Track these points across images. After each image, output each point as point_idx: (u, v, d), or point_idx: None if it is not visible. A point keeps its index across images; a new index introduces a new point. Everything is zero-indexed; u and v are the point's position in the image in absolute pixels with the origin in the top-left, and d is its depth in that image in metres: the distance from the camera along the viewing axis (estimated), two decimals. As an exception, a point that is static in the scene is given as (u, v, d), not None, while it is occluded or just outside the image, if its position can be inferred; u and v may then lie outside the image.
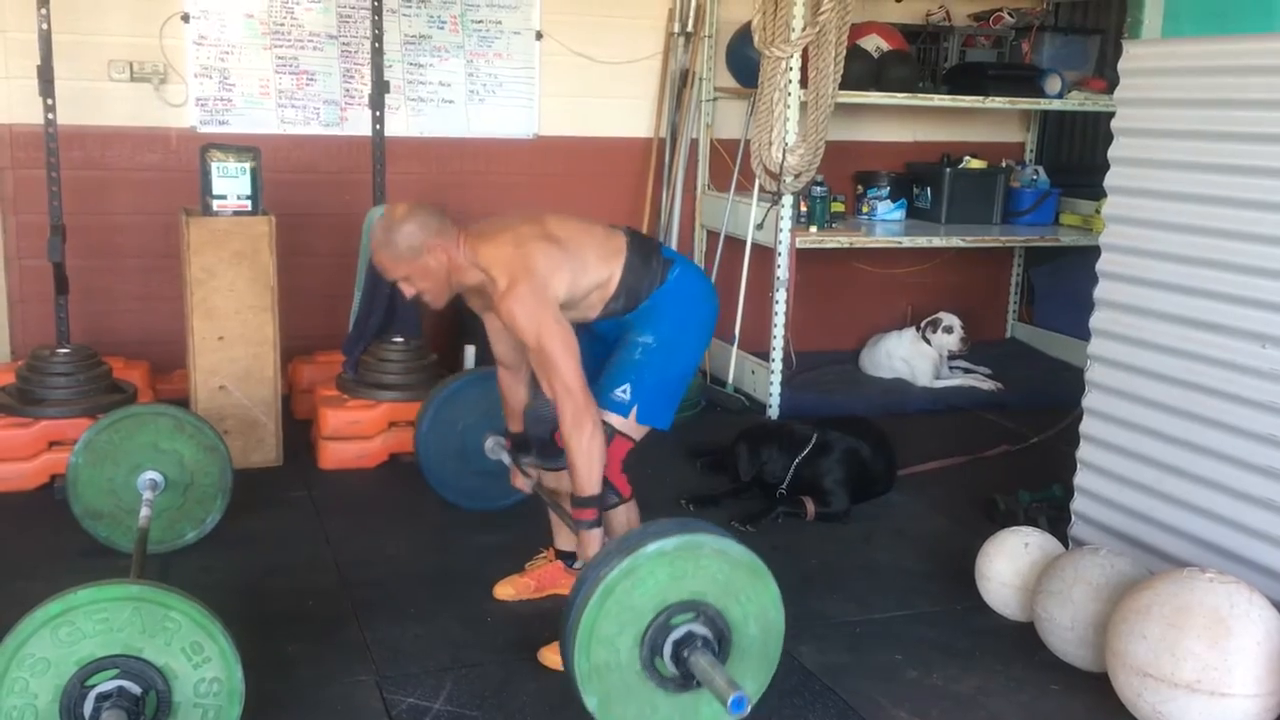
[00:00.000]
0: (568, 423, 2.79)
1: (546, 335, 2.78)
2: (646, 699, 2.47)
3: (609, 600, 2.40)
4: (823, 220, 5.35)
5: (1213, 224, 3.08)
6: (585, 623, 2.39)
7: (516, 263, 2.83)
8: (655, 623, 2.45)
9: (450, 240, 2.87)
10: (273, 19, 5.02)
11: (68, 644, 2.26)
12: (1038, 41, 5.87)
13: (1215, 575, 2.74)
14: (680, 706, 2.49)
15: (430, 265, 2.85)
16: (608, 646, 2.42)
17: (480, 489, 3.82)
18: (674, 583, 2.45)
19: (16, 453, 3.99)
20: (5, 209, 4.84)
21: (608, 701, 2.44)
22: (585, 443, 2.79)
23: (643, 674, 2.46)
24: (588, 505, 2.85)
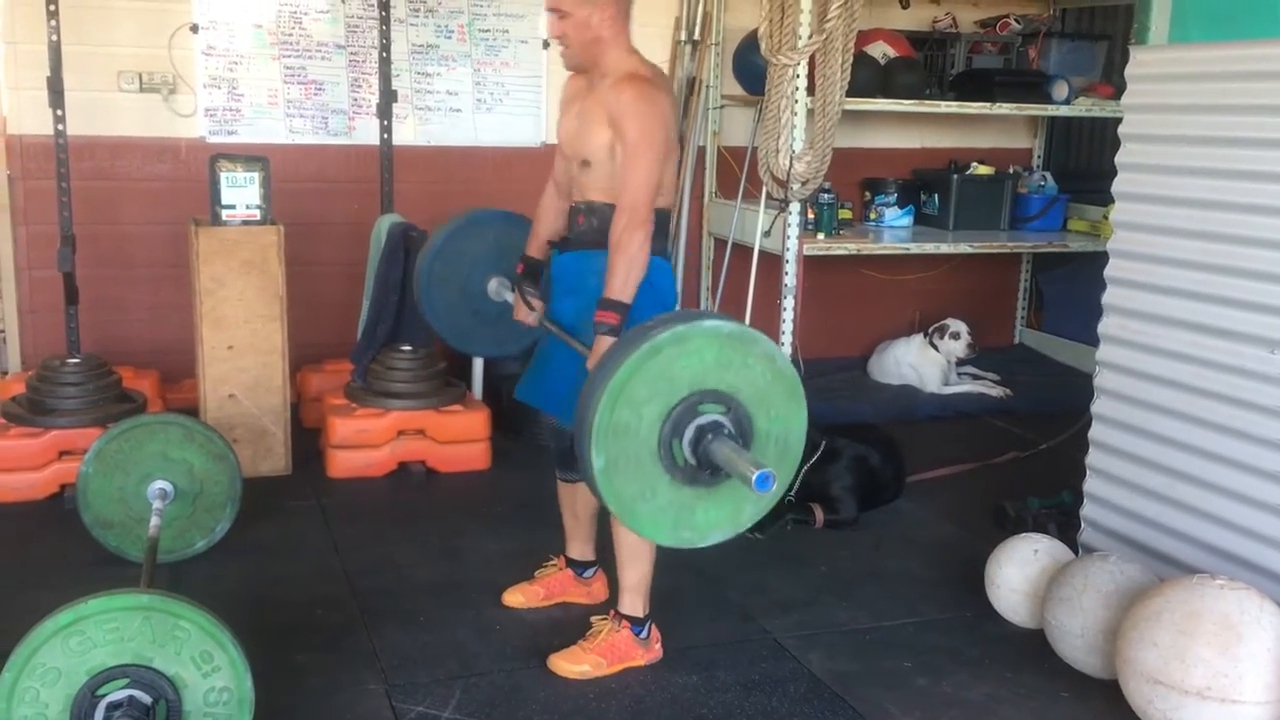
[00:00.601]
0: (621, 225, 2.79)
1: (650, 141, 2.80)
2: (651, 477, 2.35)
3: (651, 361, 2.29)
4: (830, 227, 5.34)
5: (1221, 229, 3.07)
6: (620, 377, 2.27)
7: (663, 91, 2.89)
8: (686, 401, 2.34)
9: (620, 18, 2.90)
10: (281, 29, 5.05)
11: (78, 653, 2.27)
12: (1045, 48, 5.87)
13: (1226, 582, 2.73)
14: (679, 498, 2.39)
15: (593, 22, 2.87)
16: (633, 410, 2.30)
17: (482, 332, 3.59)
18: (717, 370, 2.35)
19: (27, 462, 4.01)
20: (15, 220, 4.86)
21: (614, 467, 2.32)
22: (633, 250, 2.79)
23: (656, 451, 2.34)
24: (614, 309, 2.79)
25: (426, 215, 4.80)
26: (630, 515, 2.37)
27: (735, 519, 2.47)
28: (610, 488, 2.33)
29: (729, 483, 2.38)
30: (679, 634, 3.18)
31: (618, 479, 2.33)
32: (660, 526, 2.41)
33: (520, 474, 4.43)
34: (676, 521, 2.41)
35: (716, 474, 2.37)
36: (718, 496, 2.42)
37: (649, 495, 2.37)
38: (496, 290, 3.41)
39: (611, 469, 2.32)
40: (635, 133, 2.80)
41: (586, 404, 2.32)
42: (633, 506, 2.36)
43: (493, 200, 5.35)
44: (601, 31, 2.89)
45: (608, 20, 2.88)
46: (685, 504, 2.41)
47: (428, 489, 4.34)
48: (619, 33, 2.92)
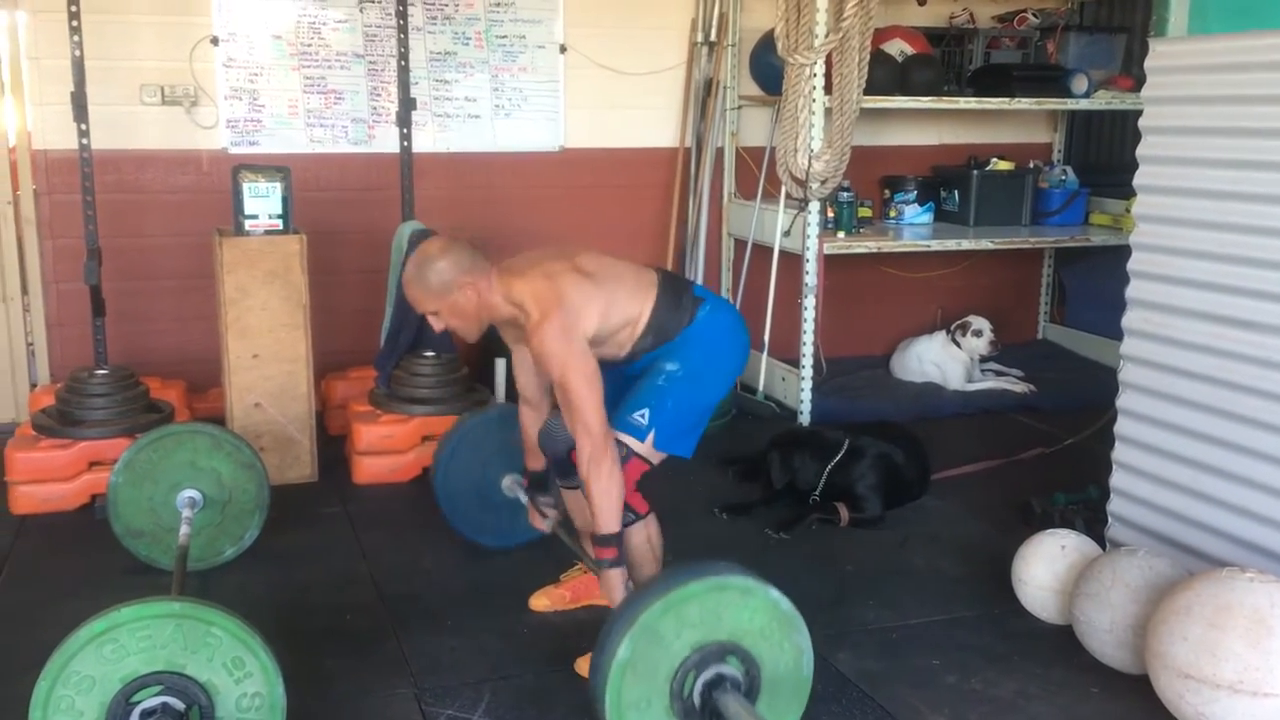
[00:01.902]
0: (585, 462, 2.80)
1: (572, 370, 2.79)
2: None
3: (655, 626, 2.38)
4: (850, 225, 5.34)
5: (1245, 220, 3.05)
6: (625, 651, 2.37)
7: (549, 295, 2.84)
8: (693, 656, 2.41)
9: (481, 276, 2.89)
10: (300, 40, 5.08)
11: (112, 661, 2.30)
12: (1063, 41, 5.84)
13: (1255, 574, 2.72)
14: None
15: (460, 302, 2.89)
16: (641, 679, 2.39)
17: (497, 525, 3.75)
18: (722, 622, 2.43)
19: (58, 474, 4.05)
20: (42, 234, 4.91)
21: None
22: (604, 482, 2.79)
23: (669, 706, 2.41)
24: (608, 544, 2.84)
25: (447, 221, 4.83)
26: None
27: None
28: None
29: None
30: (706, 635, 3.18)
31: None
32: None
33: (545, 477, 4.44)
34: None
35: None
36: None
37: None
38: (510, 487, 3.56)
39: (625, 717, 2.38)
40: (558, 373, 2.81)
41: (598, 672, 2.39)
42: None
43: (513, 205, 5.41)
44: (474, 300, 2.89)
45: (471, 290, 2.87)
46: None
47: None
48: (488, 285, 2.89)
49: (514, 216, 5.42)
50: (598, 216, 5.55)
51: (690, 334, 2.99)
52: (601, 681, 2.38)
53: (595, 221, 5.53)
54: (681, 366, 2.96)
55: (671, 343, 2.99)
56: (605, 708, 2.36)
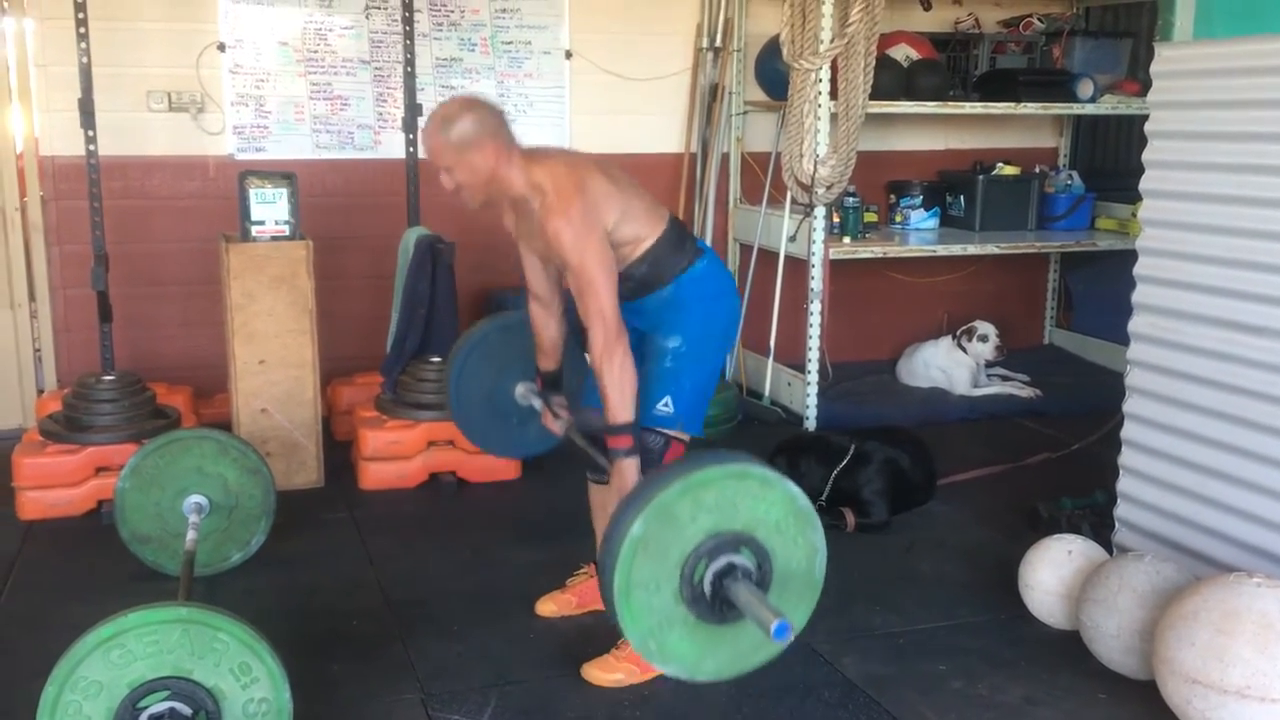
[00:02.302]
0: (598, 349, 2.75)
1: (591, 257, 2.74)
2: (670, 612, 2.37)
3: (673, 505, 2.31)
4: (856, 231, 5.34)
5: (1251, 225, 3.05)
6: (639, 528, 2.30)
7: (569, 181, 2.79)
8: (707, 543, 2.34)
9: (503, 146, 2.83)
10: (306, 46, 5.10)
11: (120, 666, 2.30)
12: (1068, 46, 5.84)
13: (1263, 579, 2.71)
14: (696, 633, 2.40)
15: (476, 162, 2.81)
16: (655, 557, 2.33)
17: (510, 435, 3.63)
18: (739, 511, 2.37)
19: (65, 479, 4.06)
20: (49, 240, 4.93)
21: (634, 593, 2.34)
22: (616, 371, 2.75)
23: (678, 589, 2.35)
24: (621, 433, 2.78)
25: (453, 227, 4.83)
26: (645, 647, 2.37)
27: (750, 657, 2.47)
28: (656, 655, 2.36)
29: (746, 623, 2.38)
30: (712, 640, 3.18)
31: (659, 644, 2.36)
32: (680, 658, 2.40)
33: (550, 484, 4.44)
34: (699, 657, 2.41)
35: (735, 614, 2.38)
36: (736, 635, 2.42)
37: (666, 627, 2.37)
38: (524, 395, 3.46)
39: (650, 639, 2.35)
40: (575, 259, 2.76)
41: (609, 548, 2.35)
42: (649, 634, 2.37)
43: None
44: (490, 166, 2.83)
45: (490, 154, 2.81)
46: (733, 637, 2.42)
47: (459, 499, 4.36)
48: (507, 158, 2.84)
49: (520, 222, 5.42)
50: (603, 222, 5.54)
51: (684, 286, 2.94)
52: (612, 557, 2.31)
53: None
54: (684, 340, 2.93)
55: (666, 290, 2.94)
56: (614, 584, 2.30)
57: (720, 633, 2.39)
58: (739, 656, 2.45)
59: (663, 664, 2.39)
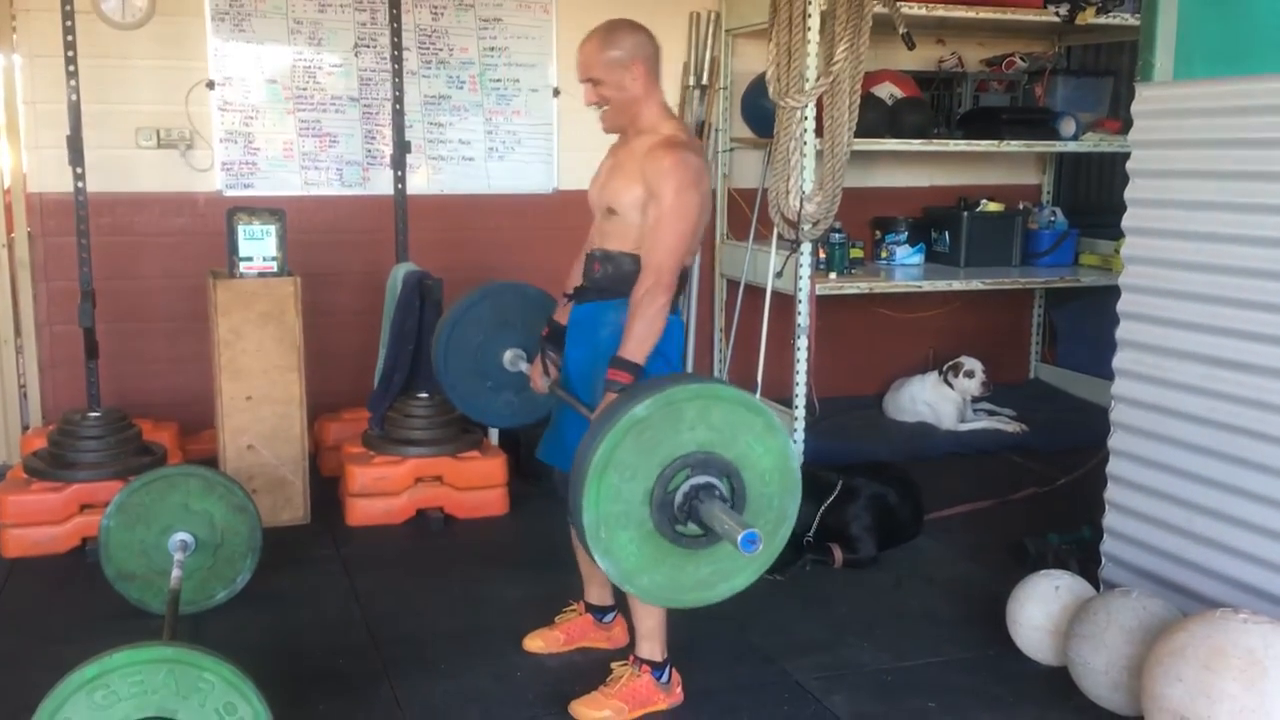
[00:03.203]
0: (645, 287, 2.82)
1: (683, 203, 2.82)
2: (641, 534, 2.39)
3: (645, 424, 2.32)
4: (842, 266, 5.37)
5: (1233, 262, 3.08)
6: (611, 439, 2.31)
7: (699, 156, 2.91)
8: (678, 463, 2.36)
9: (654, 78, 2.96)
10: (295, 84, 5.12)
11: (103, 707, 2.28)
12: (1050, 85, 5.90)
13: (1249, 616, 2.71)
14: (669, 558, 2.43)
15: (626, 82, 2.93)
16: (624, 473, 2.34)
17: (509, 406, 3.65)
18: (712, 434, 2.38)
19: (49, 516, 4.04)
20: (36, 276, 4.92)
21: (605, 525, 2.36)
22: (651, 315, 2.81)
23: (648, 511, 2.37)
24: (626, 369, 2.81)
25: (441, 263, 4.84)
26: (594, 533, 2.37)
27: (730, 579, 2.48)
28: (600, 544, 2.36)
29: (721, 544, 2.39)
30: (700, 677, 3.17)
31: (609, 536, 2.36)
32: (621, 559, 2.40)
33: (538, 519, 4.43)
34: (638, 567, 2.42)
35: (709, 535, 2.39)
36: (680, 561, 2.43)
37: (622, 523, 2.37)
38: (513, 361, 3.49)
39: (602, 526, 2.35)
40: (671, 199, 2.83)
41: (603, 419, 2.36)
42: (624, 565, 2.38)
43: (507, 246, 5.43)
44: (636, 91, 2.95)
45: (640, 80, 2.94)
46: (676, 563, 2.43)
47: (446, 535, 4.35)
48: (652, 91, 2.98)
49: (508, 258, 5.44)
50: (591, 258, 5.56)
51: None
52: (603, 428, 2.33)
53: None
54: None
55: (614, 315, 2.94)
56: (595, 455, 2.31)
57: (667, 551, 2.39)
58: (674, 586, 2.45)
59: (602, 557, 2.36)
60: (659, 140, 2.91)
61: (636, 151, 2.94)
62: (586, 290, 3.10)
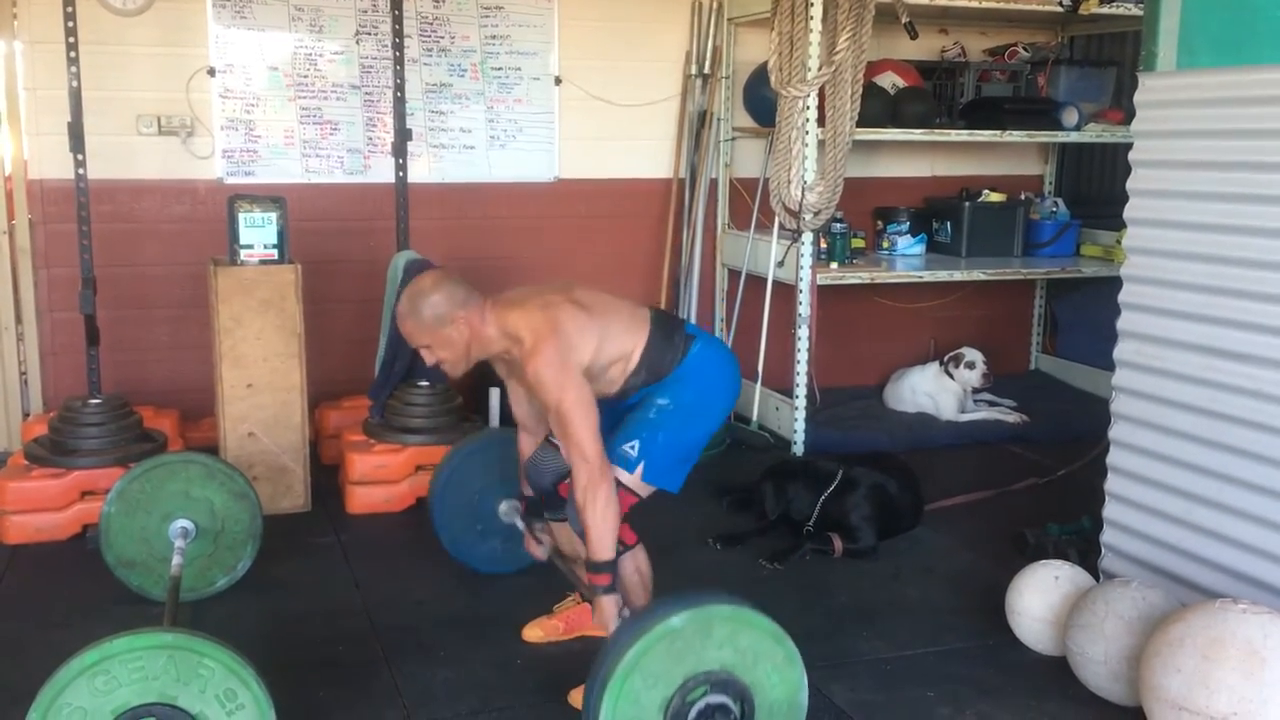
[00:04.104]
0: (581, 489, 2.79)
1: (568, 398, 2.79)
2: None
3: (651, 651, 2.40)
4: (843, 256, 5.37)
5: (1235, 253, 3.08)
6: (623, 669, 2.38)
7: (544, 324, 2.86)
8: (687, 685, 2.43)
9: (475, 311, 2.91)
10: (296, 71, 5.11)
11: (104, 693, 2.29)
12: (1053, 75, 5.90)
13: (1248, 606, 2.72)
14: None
15: (452, 336, 2.90)
16: (634, 701, 2.41)
17: (493, 553, 3.77)
18: (716, 650, 2.46)
19: (50, 503, 4.04)
20: (37, 263, 4.92)
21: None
22: (600, 510, 2.79)
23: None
24: (602, 570, 2.83)
25: (442, 251, 4.85)
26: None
27: None
28: (616, 692, 2.40)
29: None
30: (700, 666, 3.17)
31: (628, 691, 2.41)
32: None
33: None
34: None
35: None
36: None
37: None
38: (507, 512, 3.57)
39: (631, 678, 2.40)
40: (554, 400, 2.81)
41: (636, 621, 2.44)
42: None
43: (508, 234, 5.44)
44: (470, 334, 2.91)
45: (463, 325, 2.89)
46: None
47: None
48: (481, 321, 2.91)
49: (509, 246, 5.44)
50: (592, 247, 5.57)
51: (683, 370, 3.00)
52: (635, 631, 2.41)
53: (590, 252, 5.55)
54: (673, 401, 2.97)
55: (664, 379, 3.00)
56: (624, 659, 2.37)
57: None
58: None
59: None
60: (520, 351, 2.88)
61: (517, 363, 2.93)
62: (625, 393, 3.05)
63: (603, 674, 2.41)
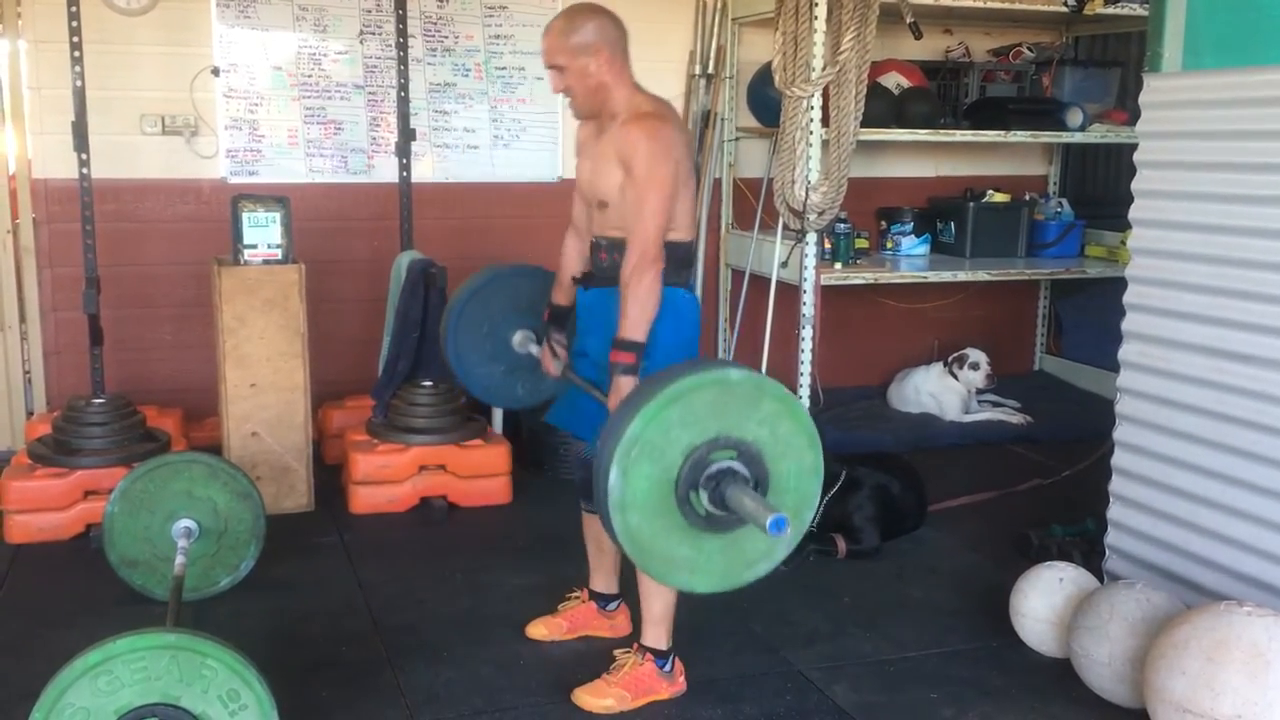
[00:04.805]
0: (631, 264, 2.81)
1: (657, 175, 2.81)
2: (668, 523, 2.39)
3: (668, 409, 2.32)
4: (847, 257, 5.36)
5: (1240, 254, 3.07)
6: (637, 425, 2.30)
7: (672, 121, 2.91)
8: (702, 448, 2.36)
9: (619, 61, 2.95)
10: (300, 71, 5.11)
11: (107, 693, 2.28)
12: (1058, 75, 5.89)
13: (1253, 608, 2.71)
14: (696, 544, 2.43)
15: (589, 68, 2.91)
16: (650, 457, 2.34)
17: (509, 385, 3.64)
18: (734, 418, 2.38)
19: (53, 503, 4.04)
20: (40, 262, 4.92)
21: (632, 512, 2.35)
22: (644, 289, 2.81)
23: (673, 497, 2.37)
24: (630, 350, 2.82)
25: (445, 251, 4.84)
26: (649, 561, 2.39)
27: (753, 565, 2.49)
28: (628, 533, 2.35)
29: (745, 529, 2.40)
30: (703, 667, 3.17)
31: (635, 524, 2.36)
32: (677, 571, 2.42)
33: (541, 508, 4.44)
34: (693, 566, 2.43)
35: (732, 520, 2.39)
36: (735, 541, 2.44)
37: (666, 540, 2.38)
38: (522, 343, 3.48)
39: (630, 514, 2.34)
40: (642, 172, 2.83)
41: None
42: (651, 551, 2.38)
43: (511, 234, 5.43)
44: (602, 76, 2.94)
45: (605, 64, 2.92)
46: (704, 549, 2.43)
47: (449, 524, 4.35)
48: (620, 74, 2.97)
49: (512, 246, 5.42)
50: (595, 247, 5.56)
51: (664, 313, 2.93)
52: (705, 368, 2.38)
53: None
54: (650, 366, 2.88)
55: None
56: (680, 381, 2.32)
57: (669, 512, 2.37)
58: (654, 540, 2.40)
59: (618, 475, 2.31)
60: (629, 117, 2.91)
61: (614, 137, 2.94)
62: (593, 276, 3.09)
63: (645, 394, 2.35)
